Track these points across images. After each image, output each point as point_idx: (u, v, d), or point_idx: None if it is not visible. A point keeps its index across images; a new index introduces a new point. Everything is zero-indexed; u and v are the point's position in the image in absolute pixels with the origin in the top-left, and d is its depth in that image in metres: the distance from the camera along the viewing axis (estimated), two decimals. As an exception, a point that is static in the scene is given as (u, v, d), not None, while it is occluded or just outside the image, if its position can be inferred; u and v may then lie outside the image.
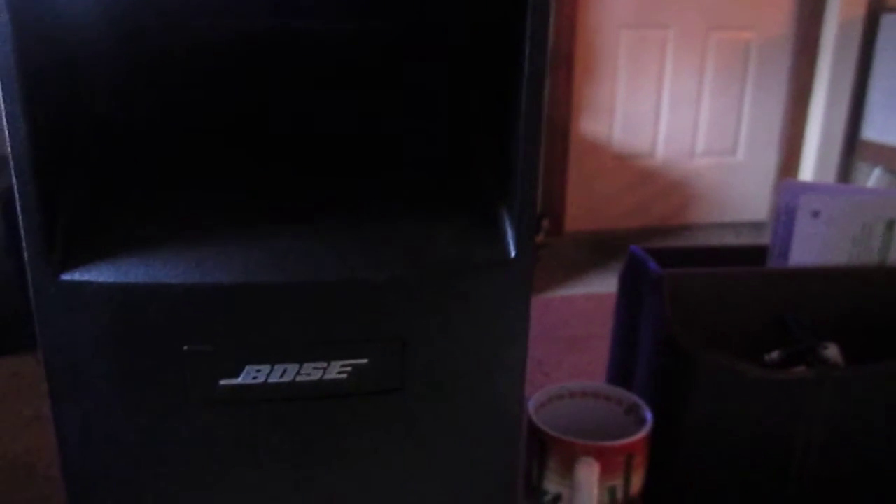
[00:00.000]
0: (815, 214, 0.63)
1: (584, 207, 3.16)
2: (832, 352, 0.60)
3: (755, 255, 0.68)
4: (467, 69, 0.42)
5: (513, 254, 0.38)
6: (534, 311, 0.44)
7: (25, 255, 0.34)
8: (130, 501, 0.38)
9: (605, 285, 2.63)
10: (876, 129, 3.08)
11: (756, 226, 3.31)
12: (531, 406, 0.59)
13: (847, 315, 0.62)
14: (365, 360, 0.37)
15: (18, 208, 0.34)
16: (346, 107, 0.42)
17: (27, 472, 0.74)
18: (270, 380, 0.36)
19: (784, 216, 0.65)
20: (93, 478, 0.38)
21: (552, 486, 0.56)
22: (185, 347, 0.35)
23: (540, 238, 2.91)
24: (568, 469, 0.54)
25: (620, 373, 0.69)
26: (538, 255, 2.85)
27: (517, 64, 0.36)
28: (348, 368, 0.37)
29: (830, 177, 3.09)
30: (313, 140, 0.42)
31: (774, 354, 0.60)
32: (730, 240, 3.13)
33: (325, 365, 0.37)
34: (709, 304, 0.60)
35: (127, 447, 0.37)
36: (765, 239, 0.70)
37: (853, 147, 3.14)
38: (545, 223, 2.95)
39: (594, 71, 3.04)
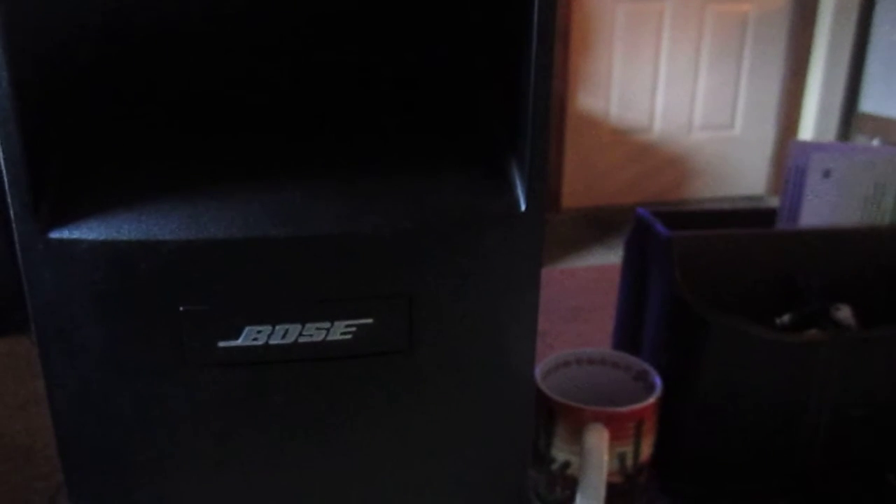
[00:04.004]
0: (827, 174, 0.62)
1: (581, 183, 3.15)
2: (844, 313, 0.58)
3: (764, 217, 0.66)
4: (474, 17, 0.40)
5: (523, 207, 0.36)
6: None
7: (11, 212, 0.32)
8: (127, 468, 0.37)
9: (603, 261, 2.62)
10: (874, 102, 3.07)
11: (753, 199, 3.30)
12: (538, 373, 0.57)
13: (859, 276, 0.60)
14: (370, 320, 0.35)
15: (3, 162, 0.32)
16: (348, 59, 0.41)
17: (25, 452, 0.73)
18: (272, 341, 0.35)
19: (794, 176, 0.63)
20: (87, 444, 0.36)
21: (560, 453, 0.55)
22: (182, 308, 0.34)
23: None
24: (577, 436, 0.53)
25: (627, 339, 0.68)
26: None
27: (526, 8, 0.35)
28: (353, 328, 0.35)
29: (828, 149, 3.07)
30: (314, 94, 0.41)
31: (786, 317, 0.59)
32: (727, 214, 3.12)
33: (328, 325, 0.35)
34: (718, 267, 0.59)
35: (122, 412, 0.36)
36: (761, 206, 0.69)
37: (851, 119, 3.13)
38: (542, 199, 2.93)
39: (590, 45, 3.01)
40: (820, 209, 0.62)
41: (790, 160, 0.63)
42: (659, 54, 3.09)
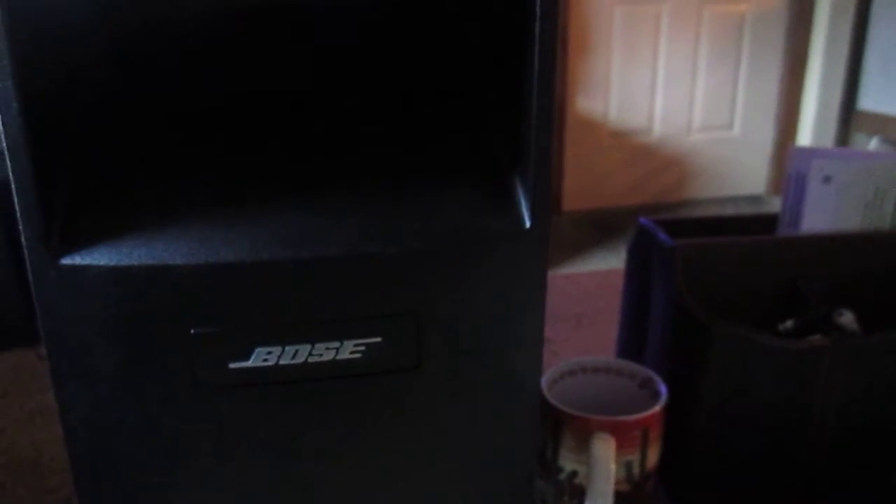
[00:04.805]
0: (827, 180, 0.62)
1: (581, 186, 3.15)
2: (847, 319, 0.59)
3: (765, 223, 0.67)
4: (475, 35, 0.40)
5: (528, 224, 0.36)
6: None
7: (23, 239, 0.33)
8: (140, 489, 0.37)
9: (605, 264, 2.63)
10: (872, 99, 3.07)
11: (754, 199, 3.31)
12: (543, 383, 0.58)
13: (861, 281, 0.61)
14: (379, 339, 0.36)
15: (14, 190, 0.32)
16: (350, 79, 0.41)
17: (32, 466, 0.73)
18: (282, 361, 0.35)
19: (794, 183, 0.63)
20: (101, 466, 0.37)
21: (567, 463, 0.55)
22: (192, 331, 0.34)
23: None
24: (583, 445, 0.53)
25: (631, 347, 0.68)
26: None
27: (528, 26, 0.35)
28: (362, 347, 0.36)
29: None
30: (318, 114, 0.41)
31: (789, 323, 0.59)
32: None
33: (337, 345, 0.35)
34: (721, 275, 0.59)
35: (135, 435, 0.36)
36: (763, 212, 0.69)
37: (850, 118, 3.13)
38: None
39: (589, 47, 3.01)
40: (821, 215, 0.62)
41: (790, 166, 0.64)
42: (657, 56, 3.10)
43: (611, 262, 2.63)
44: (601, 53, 3.04)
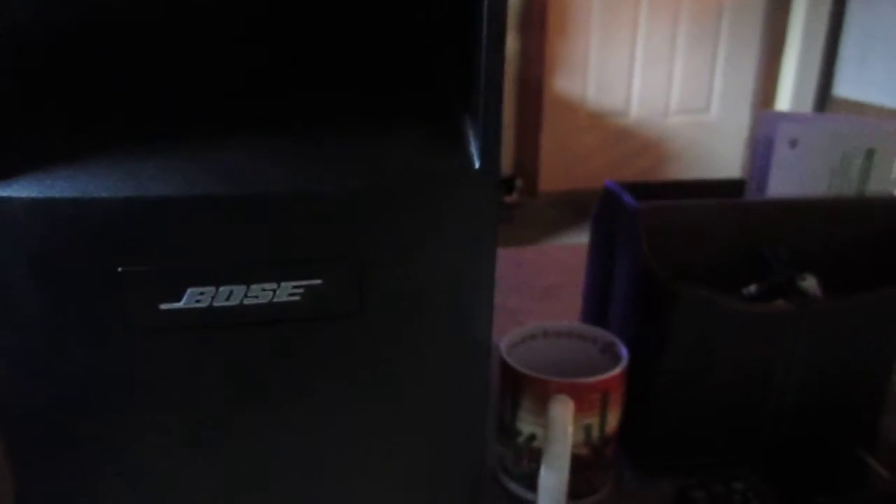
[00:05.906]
0: (794, 144, 0.61)
1: (557, 167, 3.14)
2: (810, 283, 0.58)
3: (732, 188, 0.66)
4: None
5: (477, 165, 0.35)
6: (507, 263, 0.41)
7: (-62, 169, 0.31)
8: (67, 437, 0.36)
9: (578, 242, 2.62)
10: (848, 86, 3.08)
11: (730, 184, 3.32)
12: (504, 346, 0.57)
13: (825, 246, 0.60)
14: (319, 281, 0.34)
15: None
16: (297, 19, 0.39)
17: None
18: (216, 303, 0.33)
19: (762, 147, 0.63)
20: (26, 414, 0.35)
21: (526, 426, 0.54)
22: (121, 269, 0.32)
23: (514, 198, 2.89)
24: (542, 408, 0.52)
25: (595, 313, 0.67)
26: (512, 214, 2.83)
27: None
28: (300, 290, 0.34)
29: (803, 133, 3.09)
30: (264, 54, 0.39)
31: (752, 287, 0.58)
32: (704, 198, 3.13)
33: (275, 286, 0.34)
34: (685, 238, 0.58)
35: (62, 380, 0.34)
36: (730, 177, 0.68)
37: (825, 104, 3.14)
38: (519, 183, 2.93)
39: (567, 29, 2.99)
40: (787, 179, 0.62)
41: (758, 130, 0.63)
42: (636, 38, 3.09)
43: (584, 241, 2.63)
44: (580, 34, 3.03)
